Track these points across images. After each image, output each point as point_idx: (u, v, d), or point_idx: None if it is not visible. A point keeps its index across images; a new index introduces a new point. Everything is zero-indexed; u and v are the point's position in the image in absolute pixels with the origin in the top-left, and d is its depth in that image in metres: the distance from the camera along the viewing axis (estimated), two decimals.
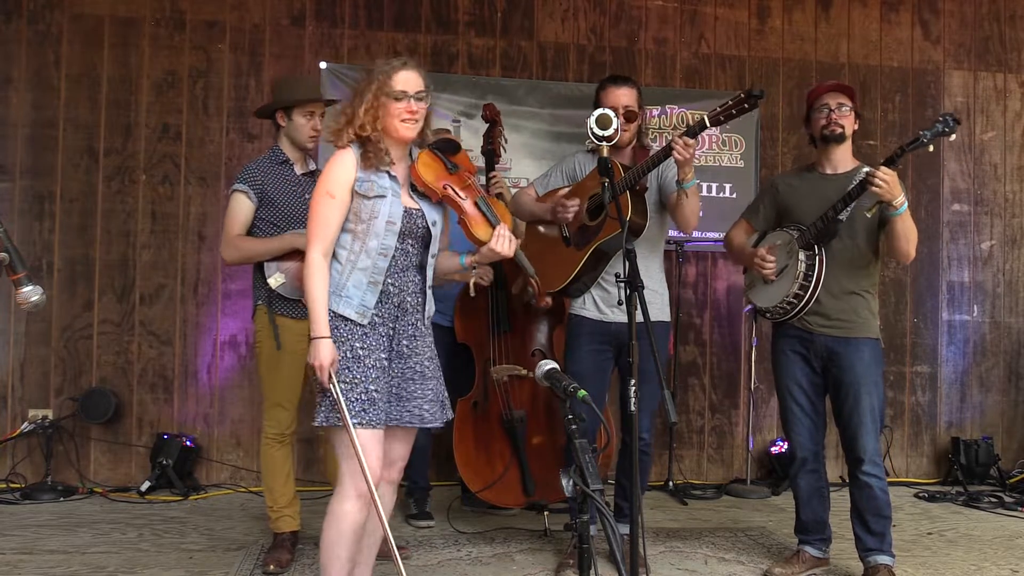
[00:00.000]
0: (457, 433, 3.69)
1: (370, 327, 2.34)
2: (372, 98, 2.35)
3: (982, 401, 5.11)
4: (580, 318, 3.22)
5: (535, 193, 3.35)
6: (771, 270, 3.09)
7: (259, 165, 3.21)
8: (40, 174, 4.38)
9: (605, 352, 3.19)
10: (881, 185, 2.79)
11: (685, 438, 4.86)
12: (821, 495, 3.19)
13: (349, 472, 2.31)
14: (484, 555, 3.32)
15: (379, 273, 2.36)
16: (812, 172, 3.20)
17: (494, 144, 3.80)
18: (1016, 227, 5.18)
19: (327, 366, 2.27)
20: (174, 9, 4.50)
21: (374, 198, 2.35)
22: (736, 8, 4.95)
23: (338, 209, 2.34)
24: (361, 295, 2.35)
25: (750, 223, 3.31)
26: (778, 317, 3.14)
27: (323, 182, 2.36)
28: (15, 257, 1.94)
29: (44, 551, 3.29)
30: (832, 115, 3.07)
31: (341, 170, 2.35)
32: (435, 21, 4.69)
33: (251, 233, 3.15)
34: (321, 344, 2.27)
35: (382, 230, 2.35)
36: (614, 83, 3.21)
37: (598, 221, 3.07)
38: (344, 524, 2.31)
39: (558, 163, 3.43)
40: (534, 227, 3.39)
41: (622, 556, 2.00)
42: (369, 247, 2.35)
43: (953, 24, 5.14)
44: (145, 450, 4.37)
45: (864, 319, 3.08)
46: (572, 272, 3.13)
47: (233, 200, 3.15)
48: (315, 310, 2.29)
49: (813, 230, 3.00)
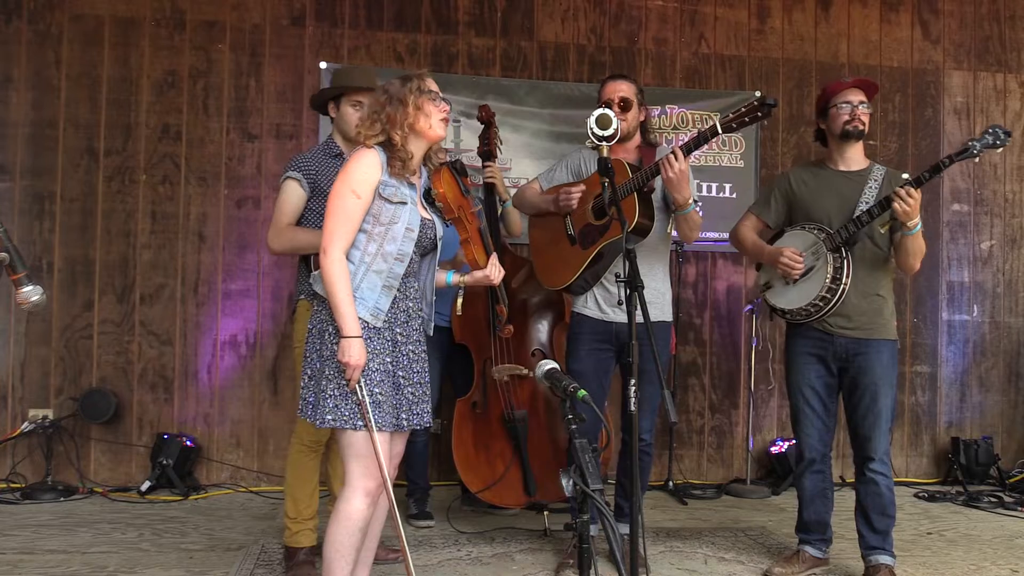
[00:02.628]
0: (456, 433, 3.69)
1: (376, 331, 2.34)
2: (414, 100, 2.35)
3: (982, 401, 5.11)
4: (582, 317, 3.23)
5: (539, 187, 3.36)
6: (800, 271, 3.05)
7: (313, 155, 3.09)
8: (40, 174, 4.38)
9: (606, 351, 3.19)
10: (903, 207, 2.79)
11: (685, 438, 4.86)
12: (825, 496, 3.19)
13: (358, 472, 2.31)
14: (484, 555, 3.31)
15: (395, 278, 2.36)
16: (825, 168, 3.18)
17: (490, 145, 3.80)
18: (1016, 227, 5.18)
19: (361, 365, 2.26)
20: (174, 9, 4.50)
21: (397, 203, 2.35)
22: (736, 8, 4.96)
23: (362, 209, 2.32)
24: (375, 298, 2.34)
25: (760, 218, 3.29)
26: (801, 319, 3.11)
27: (348, 180, 2.32)
28: (15, 257, 1.94)
29: (44, 551, 3.29)
30: (856, 111, 3.05)
31: (369, 170, 2.32)
32: (435, 21, 4.70)
33: (300, 224, 3.04)
34: (354, 343, 2.25)
35: (400, 236, 2.35)
36: (612, 78, 3.27)
37: (604, 221, 3.06)
38: (352, 523, 2.31)
39: (563, 159, 3.43)
40: (540, 224, 3.38)
41: (622, 556, 2.00)
42: (387, 251, 2.35)
43: (953, 24, 5.14)
44: (145, 450, 4.37)
45: (886, 320, 3.08)
46: (577, 271, 3.13)
47: (285, 187, 3.02)
48: (344, 309, 2.26)
49: (844, 233, 2.98)
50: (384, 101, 2.38)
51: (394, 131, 2.35)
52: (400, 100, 2.36)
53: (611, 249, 3.07)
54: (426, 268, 2.55)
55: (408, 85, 2.38)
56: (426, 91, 2.39)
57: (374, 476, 2.31)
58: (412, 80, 2.39)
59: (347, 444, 2.33)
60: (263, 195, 4.52)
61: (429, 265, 2.56)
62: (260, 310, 4.52)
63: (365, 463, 2.31)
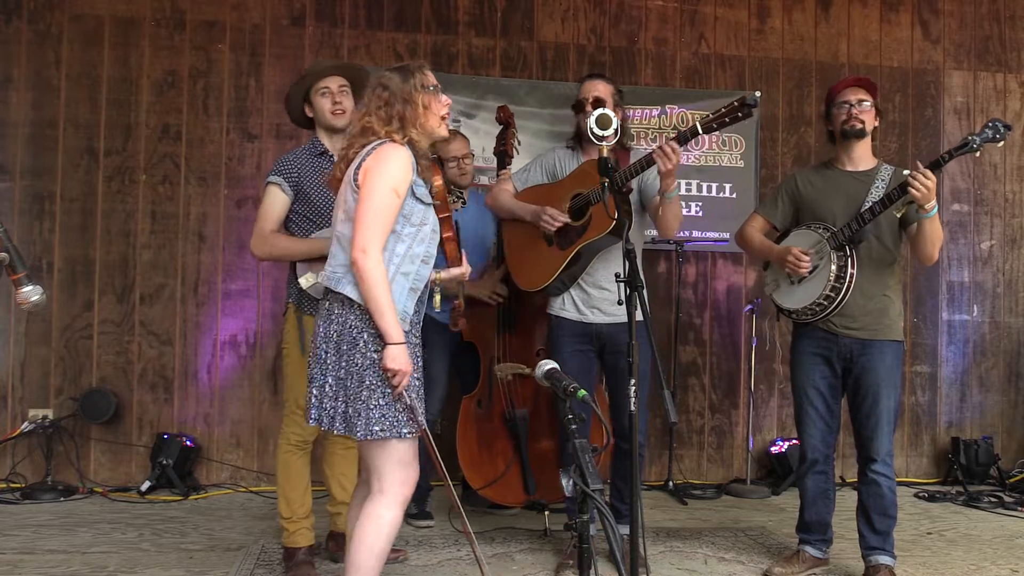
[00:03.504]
0: (460, 430, 3.70)
1: (406, 335, 2.25)
2: (422, 98, 2.31)
3: (982, 401, 5.11)
4: (560, 319, 3.23)
5: (513, 188, 3.35)
6: (807, 269, 3.04)
7: (296, 156, 3.04)
8: (40, 174, 4.38)
9: (587, 352, 3.20)
10: (921, 189, 2.77)
11: (685, 438, 4.86)
12: (827, 497, 3.19)
13: (399, 480, 2.26)
14: (484, 555, 3.31)
15: (421, 280, 2.31)
16: (832, 168, 3.18)
17: (507, 146, 3.80)
18: (1016, 227, 5.18)
19: (409, 371, 2.19)
20: (174, 9, 4.50)
21: (427, 205, 2.31)
22: (736, 8, 4.96)
23: (397, 209, 2.23)
24: (404, 301, 2.27)
25: (767, 218, 3.28)
26: (806, 318, 3.10)
27: (388, 177, 2.21)
28: (15, 257, 1.94)
29: (44, 551, 3.29)
30: (852, 110, 3.05)
31: (407, 170, 2.25)
32: (435, 21, 4.70)
33: (286, 227, 3.02)
34: (399, 349, 2.17)
35: (428, 237, 2.31)
36: (590, 77, 3.30)
37: (582, 222, 3.06)
38: (392, 531, 2.26)
39: (537, 158, 3.43)
40: (514, 225, 3.35)
41: (622, 556, 2.00)
42: (415, 252, 2.29)
43: (953, 24, 5.14)
44: (145, 450, 4.37)
45: (892, 321, 3.08)
46: (555, 272, 3.13)
47: (267, 193, 3.00)
48: (387, 315, 2.16)
49: (847, 231, 2.97)
50: (388, 97, 2.30)
51: (411, 130, 2.30)
52: (408, 99, 2.30)
53: (589, 250, 3.07)
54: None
55: (412, 81, 2.31)
56: (429, 87, 2.34)
57: (411, 483, 2.28)
58: (414, 75, 2.32)
59: (388, 452, 2.24)
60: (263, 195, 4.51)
61: None
62: (260, 310, 4.52)
63: (406, 471, 2.27)
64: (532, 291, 3.28)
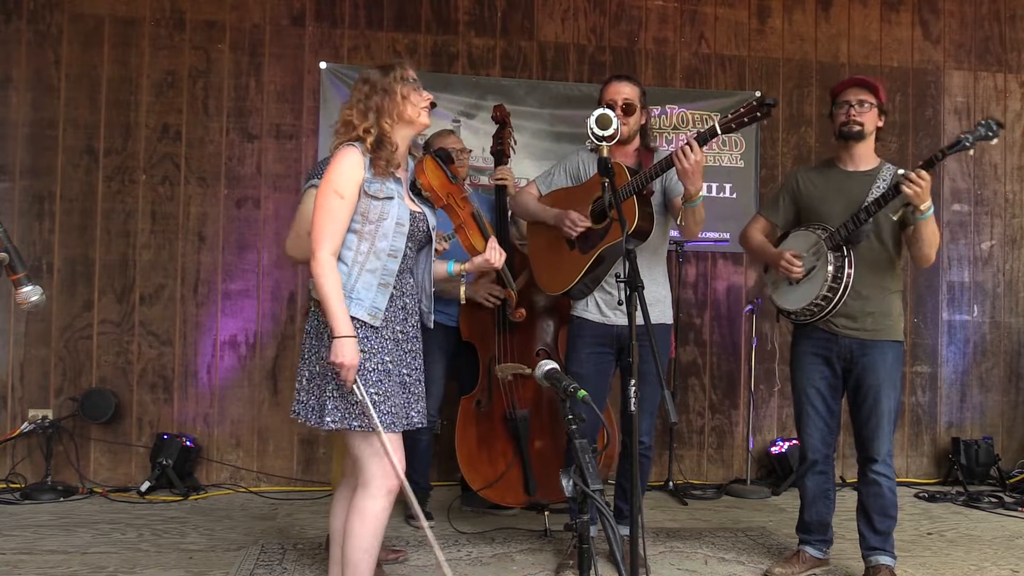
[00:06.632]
0: (460, 431, 3.69)
1: (374, 330, 2.33)
2: (401, 88, 2.37)
3: (982, 401, 5.10)
4: (582, 320, 3.21)
5: (537, 192, 3.34)
6: (799, 273, 3.04)
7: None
8: (40, 174, 4.38)
9: (607, 354, 3.18)
10: (915, 189, 2.76)
11: (685, 438, 4.86)
12: (827, 497, 3.18)
13: (379, 471, 2.32)
14: (484, 555, 3.31)
15: (389, 275, 2.36)
16: (833, 168, 3.17)
17: (504, 145, 3.80)
18: (1016, 227, 5.18)
19: (354, 365, 2.25)
20: (174, 9, 4.50)
21: (384, 199, 2.35)
22: (736, 8, 4.95)
23: (348, 209, 2.31)
24: (372, 297, 2.33)
25: (768, 220, 3.28)
26: (805, 319, 3.10)
27: (331, 180, 2.31)
28: (15, 257, 1.94)
29: (44, 551, 3.29)
30: (851, 111, 3.04)
31: (352, 170, 2.32)
32: (435, 21, 4.69)
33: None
34: (346, 343, 2.23)
35: (391, 232, 2.35)
36: (616, 79, 3.23)
37: (603, 225, 3.04)
38: (379, 523, 2.33)
39: (561, 161, 3.41)
40: (537, 228, 3.36)
41: (622, 556, 1.99)
42: (378, 248, 2.34)
43: (953, 24, 5.14)
44: (145, 450, 4.37)
45: (893, 321, 3.07)
46: (576, 276, 3.12)
47: (307, 197, 2.98)
48: (335, 309, 2.25)
49: (843, 231, 2.96)
50: (367, 91, 2.38)
51: (383, 120, 2.35)
52: (386, 90, 2.37)
53: (611, 253, 3.05)
54: (423, 261, 2.54)
55: (392, 74, 2.39)
56: (409, 80, 2.40)
57: (392, 474, 2.32)
58: (395, 69, 2.40)
59: (362, 445, 2.32)
60: (263, 195, 4.52)
61: (426, 258, 2.55)
62: (260, 310, 4.51)
63: (385, 462, 2.31)
64: (555, 294, 3.28)
